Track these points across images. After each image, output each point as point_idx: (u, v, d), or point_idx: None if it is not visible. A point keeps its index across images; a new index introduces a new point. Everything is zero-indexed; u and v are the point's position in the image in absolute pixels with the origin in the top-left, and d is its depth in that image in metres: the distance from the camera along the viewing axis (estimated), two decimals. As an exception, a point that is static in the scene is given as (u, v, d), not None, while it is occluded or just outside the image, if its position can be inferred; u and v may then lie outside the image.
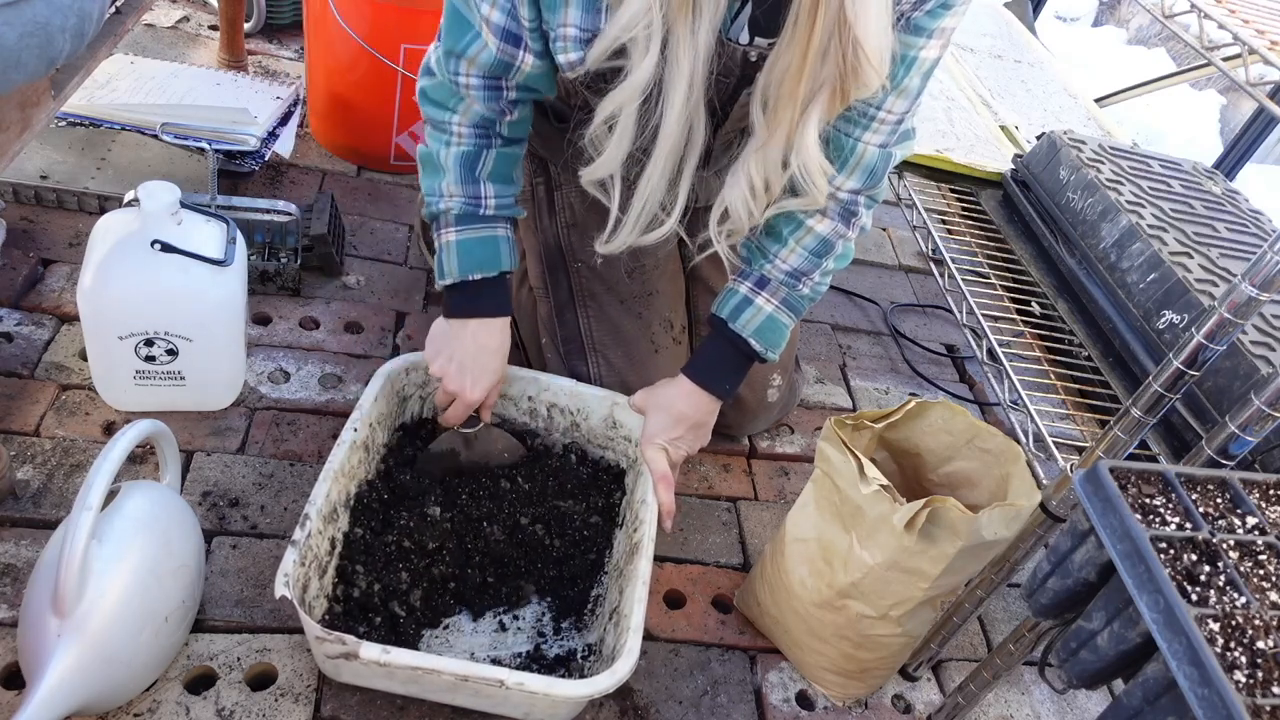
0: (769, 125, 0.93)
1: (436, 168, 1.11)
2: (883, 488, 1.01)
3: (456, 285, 1.14)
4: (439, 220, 1.14)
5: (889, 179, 1.13)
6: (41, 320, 1.36)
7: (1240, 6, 1.38)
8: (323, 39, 1.77)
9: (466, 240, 1.13)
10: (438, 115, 1.10)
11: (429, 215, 1.15)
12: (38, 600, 0.88)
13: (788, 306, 1.14)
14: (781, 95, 0.90)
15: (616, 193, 1.04)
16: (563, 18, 0.94)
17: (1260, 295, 0.81)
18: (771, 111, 0.92)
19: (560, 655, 1.11)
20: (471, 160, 1.11)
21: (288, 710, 1.01)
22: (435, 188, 1.12)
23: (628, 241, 1.06)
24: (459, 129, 1.10)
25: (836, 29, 0.84)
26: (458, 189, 1.11)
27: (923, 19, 0.96)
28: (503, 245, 1.14)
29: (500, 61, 1.02)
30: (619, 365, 1.31)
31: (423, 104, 1.11)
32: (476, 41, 1.01)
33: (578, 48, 0.95)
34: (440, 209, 1.12)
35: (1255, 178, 3.60)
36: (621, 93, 0.93)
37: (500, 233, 1.14)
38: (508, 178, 1.14)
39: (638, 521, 1.13)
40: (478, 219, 1.13)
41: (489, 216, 1.13)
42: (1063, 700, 1.28)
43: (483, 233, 1.13)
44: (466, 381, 1.15)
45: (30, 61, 0.91)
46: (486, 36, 1.00)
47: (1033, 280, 1.64)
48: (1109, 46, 4.90)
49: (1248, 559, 0.73)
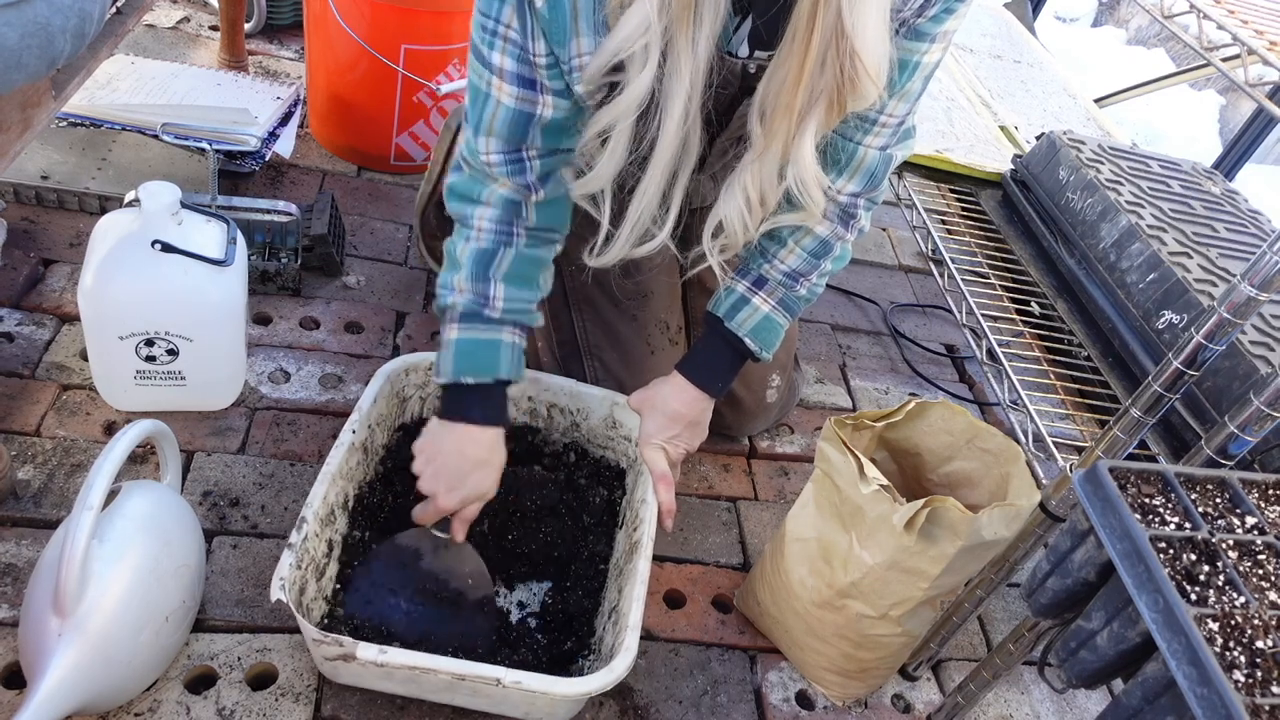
0: (765, 136, 0.92)
1: (454, 262, 1.08)
2: (883, 488, 1.01)
3: (450, 386, 1.08)
4: (445, 314, 1.09)
5: (889, 179, 1.13)
6: (42, 320, 1.36)
7: (1239, 7, 1.38)
8: (323, 39, 1.77)
9: (466, 340, 1.07)
10: (462, 210, 1.07)
11: (438, 309, 1.10)
12: (38, 600, 0.88)
13: (784, 307, 1.14)
14: (778, 106, 0.89)
15: (607, 206, 1.02)
16: (575, 48, 0.92)
17: (1259, 295, 0.81)
18: (768, 122, 0.91)
19: (560, 654, 1.11)
20: (487, 257, 1.07)
21: (288, 710, 1.01)
22: (448, 281, 1.08)
23: (620, 255, 1.04)
24: (480, 223, 1.06)
25: (834, 40, 0.83)
26: (468, 285, 1.07)
27: (925, 24, 0.95)
28: (504, 351, 1.08)
29: (520, 113, 0.98)
30: (615, 368, 1.31)
31: (450, 201, 1.08)
32: (490, 103, 0.98)
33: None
34: (448, 303, 1.08)
35: (1254, 178, 3.60)
36: (617, 106, 0.91)
37: (505, 337, 1.08)
38: (528, 281, 1.10)
39: (638, 521, 1.13)
40: (482, 319, 1.07)
41: (495, 319, 1.07)
42: (1062, 700, 1.28)
43: (485, 334, 1.08)
44: (440, 487, 1.06)
45: (31, 62, 0.91)
46: (500, 92, 0.97)
47: (1032, 280, 1.64)
48: (1108, 47, 4.90)
49: (1247, 559, 0.73)
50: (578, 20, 0.90)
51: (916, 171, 1.87)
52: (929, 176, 1.87)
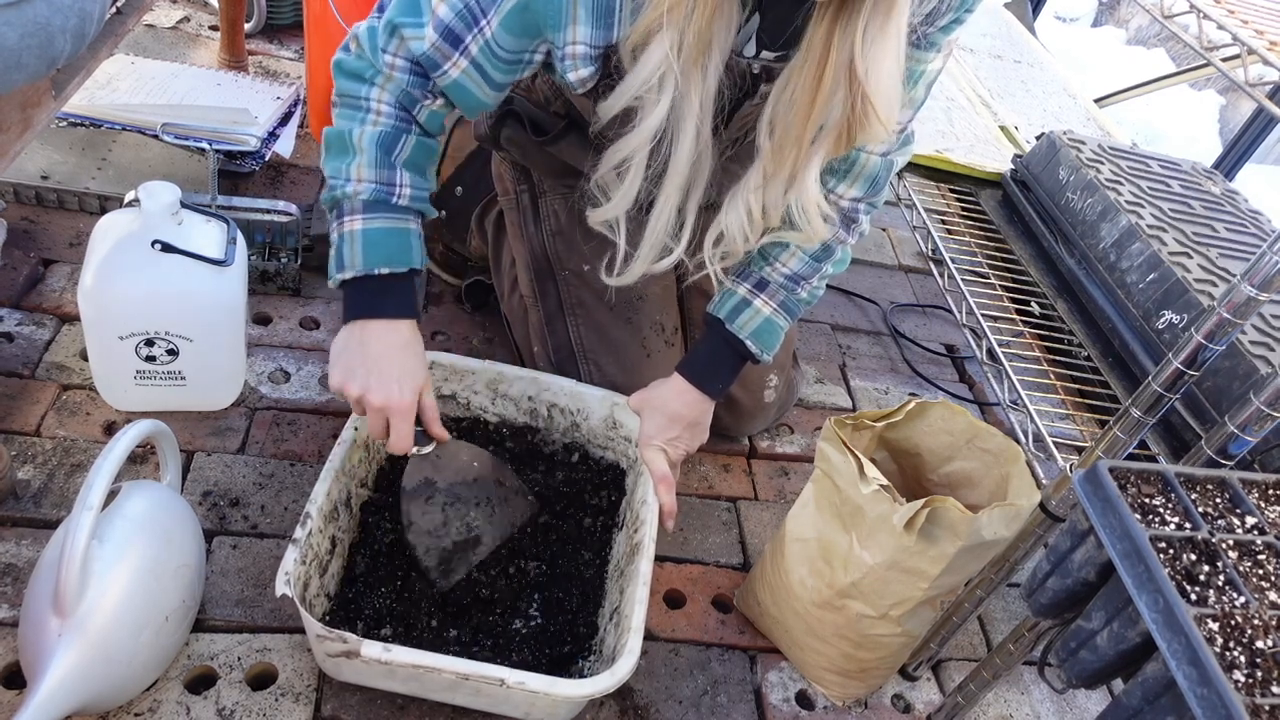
0: (774, 158, 0.93)
1: (346, 148, 1.01)
2: (883, 488, 1.01)
3: (358, 280, 1.02)
4: (342, 207, 1.02)
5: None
6: (42, 320, 1.36)
7: (1239, 7, 1.38)
8: (323, 39, 1.77)
9: (375, 230, 1.01)
10: (353, 89, 1.01)
11: (328, 201, 1.03)
12: (38, 600, 0.88)
13: (785, 309, 1.14)
14: (788, 136, 0.90)
15: (623, 229, 1.02)
16: (570, 35, 0.92)
17: (1259, 295, 0.81)
18: (777, 145, 0.92)
19: (560, 655, 1.11)
20: (389, 142, 1.01)
21: (288, 710, 1.01)
22: (342, 170, 1.01)
23: (640, 273, 1.04)
24: (378, 105, 1.00)
25: (846, 81, 0.83)
26: (369, 172, 1.01)
27: (935, 34, 0.96)
28: (414, 240, 1.04)
29: (429, 57, 0.96)
30: (611, 372, 1.31)
31: (337, 76, 1.02)
32: (418, 28, 0.95)
33: (588, 63, 0.94)
34: (346, 192, 1.01)
35: (1254, 178, 3.60)
36: (633, 139, 0.92)
37: (412, 225, 1.04)
38: (424, 170, 1.05)
39: (638, 522, 1.13)
40: (389, 207, 1.02)
41: (402, 207, 1.03)
42: (1062, 700, 1.28)
43: (394, 223, 1.02)
44: (393, 390, 1.00)
45: (31, 62, 0.91)
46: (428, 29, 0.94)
47: (1032, 280, 1.64)
48: (1108, 47, 4.91)
49: (1247, 559, 0.73)
50: (576, 6, 0.90)
51: (916, 171, 1.87)
52: (929, 176, 1.87)
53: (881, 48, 0.81)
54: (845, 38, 0.81)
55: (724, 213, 1.01)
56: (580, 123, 1.20)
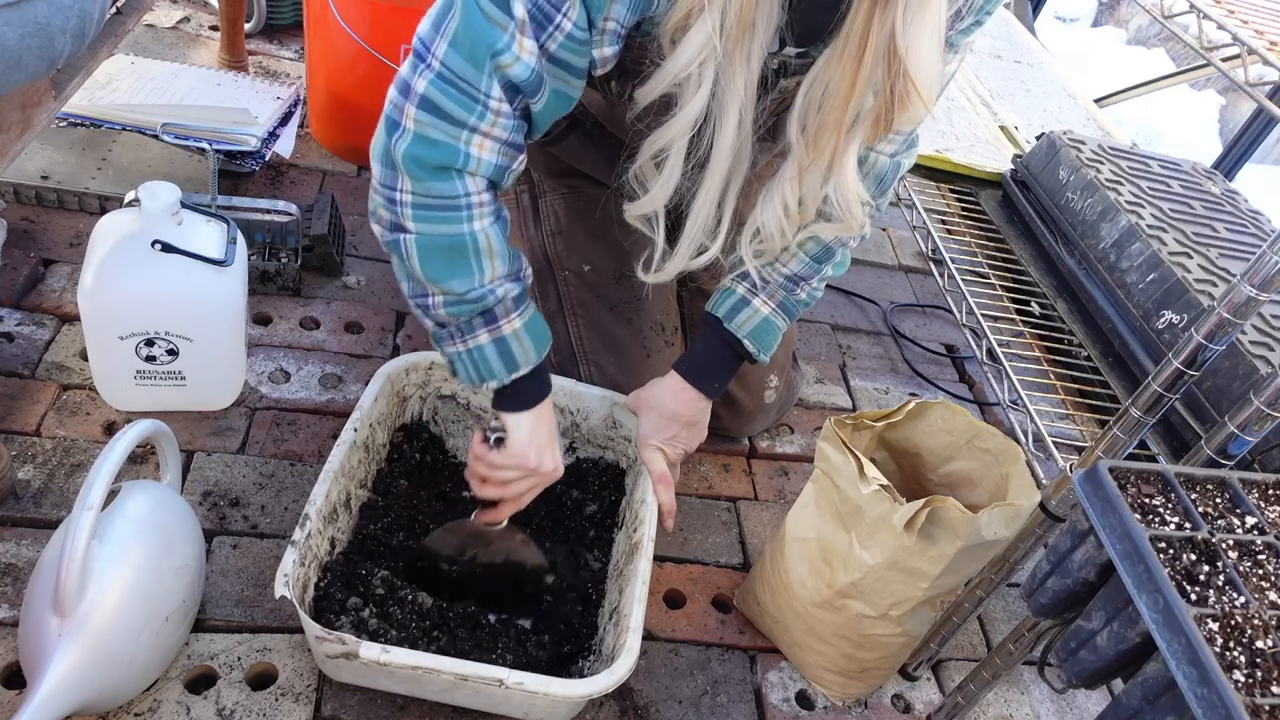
0: (810, 150, 0.90)
1: (467, 255, 0.90)
2: (883, 488, 1.01)
3: (534, 370, 0.99)
4: (493, 313, 0.94)
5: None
6: (42, 320, 1.36)
7: (1239, 7, 1.38)
8: (323, 39, 1.77)
9: (530, 321, 0.97)
10: (443, 188, 0.87)
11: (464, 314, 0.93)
12: (38, 600, 0.88)
13: (783, 310, 1.14)
14: (825, 122, 0.87)
15: (661, 223, 0.99)
16: (606, 13, 0.85)
17: (1259, 295, 0.81)
18: (813, 136, 0.89)
19: (559, 655, 1.11)
20: (504, 229, 0.93)
21: (288, 710, 1.01)
22: (477, 281, 0.91)
23: (678, 270, 1.02)
24: (478, 196, 0.89)
25: (887, 59, 0.81)
26: (504, 268, 0.93)
27: (955, 36, 0.96)
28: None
29: (537, 76, 0.85)
30: (611, 372, 1.31)
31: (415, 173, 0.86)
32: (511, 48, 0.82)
33: (615, 41, 0.88)
34: (497, 298, 0.93)
35: (1254, 178, 3.60)
36: (672, 127, 0.88)
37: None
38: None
39: (637, 522, 1.13)
40: (527, 294, 0.98)
41: (529, 286, 0.99)
42: (1062, 700, 1.28)
43: (534, 309, 0.99)
44: (557, 461, 1.04)
45: (31, 62, 0.91)
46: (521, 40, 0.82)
47: (1032, 280, 1.64)
48: (1108, 47, 4.91)
49: (1247, 559, 0.73)
50: None
51: (916, 171, 1.87)
52: (929, 176, 1.87)
53: (921, 24, 0.79)
54: (886, 16, 0.78)
55: (759, 209, 0.98)
56: (584, 122, 1.20)
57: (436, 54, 0.83)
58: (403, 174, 0.87)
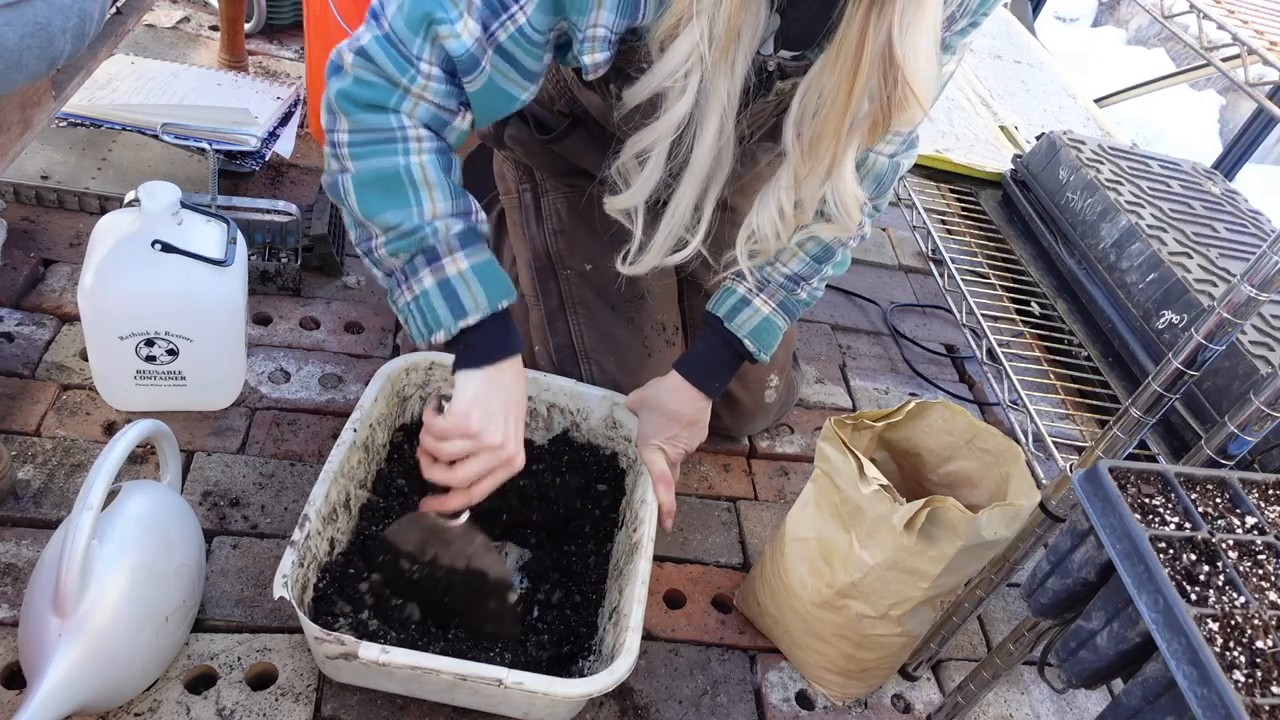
0: (807, 157, 0.91)
1: (403, 186, 0.89)
2: (883, 488, 1.01)
3: (486, 321, 0.93)
4: (434, 251, 0.91)
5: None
6: (42, 320, 1.36)
7: (1239, 7, 1.38)
8: (323, 39, 1.77)
9: (481, 264, 0.93)
10: (377, 121, 0.88)
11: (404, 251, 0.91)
12: (38, 600, 0.88)
13: (784, 309, 1.14)
14: (823, 130, 0.88)
15: (639, 217, 1.00)
16: (593, 19, 0.87)
17: (1259, 295, 0.81)
18: (810, 142, 0.90)
19: (559, 655, 1.11)
20: (446, 164, 0.92)
21: (288, 710, 1.01)
22: (413, 213, 0.90)
23: (653, 264, 1.02)
24: (414, 130, 0.90)
25: (883, 65, 0.81)
26: (445, 205, 0.91)
27: (951, 38, 0.96)
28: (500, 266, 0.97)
29: (471, 56, 0.87)
30: (612, 371, 1.31)
31: (348, 110, 0.88)
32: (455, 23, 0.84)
33: (605, 48, 0.89)
34: (434, 232, 0.90)
35: (1254, 178, 3.60)
36: (656, 129, 0.90)
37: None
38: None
39: (637, 521, 1.13)
40: (478, 235, 0.94)
41: (483, 232, 0.95)
42: (1062, 700, 1.28)
43: (486, 253, 0.94)
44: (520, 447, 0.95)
45: (31, 62, 0.91)
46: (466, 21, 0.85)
47: (1032, 280, 1.64)
48: (1108, 47, 4.91)
49: (1247, 559, 0.73)
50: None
51: (916, 171, 1.87)
52: (929, 176, 1.87)
53: (917, 29, 0.80)
54: (881, 22, 0.79)
55: (755, 213, 0.99)
56: (585, 121, 1.20)
57: (386, 15, 0.87)
58: (339, 114, 0.90)
